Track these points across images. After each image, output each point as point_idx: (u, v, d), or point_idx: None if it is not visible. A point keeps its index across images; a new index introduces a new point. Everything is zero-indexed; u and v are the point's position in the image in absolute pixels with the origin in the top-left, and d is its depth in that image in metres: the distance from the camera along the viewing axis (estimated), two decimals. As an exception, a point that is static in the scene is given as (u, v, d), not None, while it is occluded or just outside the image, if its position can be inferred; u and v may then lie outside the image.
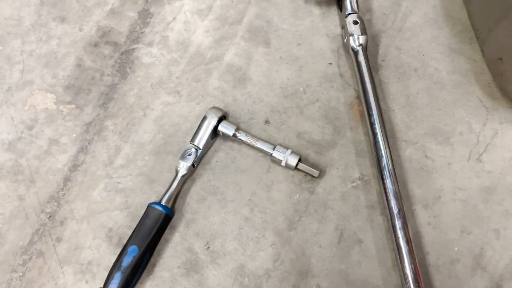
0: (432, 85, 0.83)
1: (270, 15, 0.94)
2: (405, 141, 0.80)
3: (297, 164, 0.77)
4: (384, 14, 0.90)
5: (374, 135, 0.75)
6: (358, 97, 0.84)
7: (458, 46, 0.86)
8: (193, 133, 0.80)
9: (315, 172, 0.77)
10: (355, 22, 0.84)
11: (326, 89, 0.86)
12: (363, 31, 0.83)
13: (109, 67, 0.93)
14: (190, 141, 0.80)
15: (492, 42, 0.72)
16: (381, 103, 0.83)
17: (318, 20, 0.92)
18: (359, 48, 0.82)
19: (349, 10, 0.86)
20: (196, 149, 0.79)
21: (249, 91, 0.88)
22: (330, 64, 0.88)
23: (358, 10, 0.86)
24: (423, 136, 0.80)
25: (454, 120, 0.80)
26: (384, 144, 0.74)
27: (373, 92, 0.78)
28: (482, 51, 0.77)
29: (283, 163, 0.77)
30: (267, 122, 0.85)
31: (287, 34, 0.92)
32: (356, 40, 0.82)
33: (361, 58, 0.81)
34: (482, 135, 0.78)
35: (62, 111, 0.89)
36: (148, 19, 0.96)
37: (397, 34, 0.88)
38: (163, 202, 0.76)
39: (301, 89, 0.87)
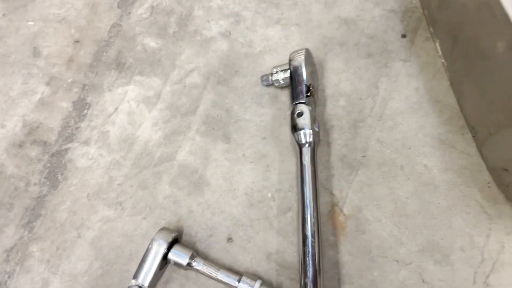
0: (422, 187, 0.70)
1: (229, 102, 0.80)
2: (397, 261, 0.66)
3: (268, 301, 0.62)
4: (360, 99, 0.78)
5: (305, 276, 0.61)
6: (338, 204, 0.70)
7: (449, 137, 0.73)
8: (138, 264, 0.64)
9: (291, 308, 0.62)
10: (299, 114, 0.71)
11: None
12: (310, 125, 0.70)
13: (36, 173, 0.76)
14: (133, 276, 0.64)
15: (494, 148, 0.60)
16: (365, 211, 0.69)
17: (285, 107, 0.79)
18: (305, 146, 0.68)
19: (299, 97, 0.72)
20: (140, 287, 0.63)
21: (207, 199, 0.73)
22: (302, 162, 0.74)
23: (311, 95, 0.72)
24: (418, 254, 0.66)
25: (452, 231, 0.67)
26: None
27: (312, 210, 0.64)
28: (480, 152, 0.65)
29: (251, 302, 0.62)
30: (229, 239, 0.70)
31: (250, 126, 0.78)
32: (303, 135, 0.69)
33: (306, 158, 0.68)
34: (486, 250, 0.65)
35: (-25, 236, 0.72)
36: (85, 111, 0.81)
37: (377, 124, 0.76)
38: None
39: (269, 195, 0.72)
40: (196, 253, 0.66)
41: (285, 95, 0.80)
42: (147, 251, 0.64)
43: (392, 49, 0.82)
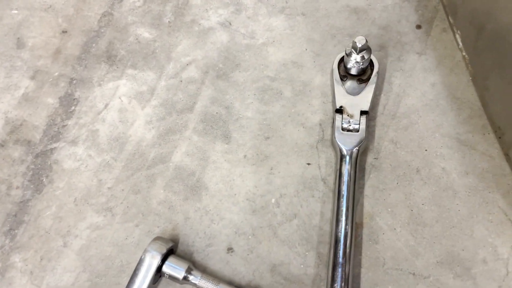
0: (440, 192, 0.65)
1: (229, 99, 0.74)
2: (413, 274, 0.60)
3: (272, 319, 0.56)
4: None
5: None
6: (347, 211, 0.65)
7: (469, 138, 0.68)
8: (129, 277, 0.58)
9: (298, 327, 0.56)
10: (363, 112, 0.66)
11: (305, 199, 0.66)
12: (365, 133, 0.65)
13: (19, 176, 0.70)
14: (124, 291, 0.58)
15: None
16: (378, 219, 0.64)
17: (290, 104, 0.73)
18: (347, 155, 0.63)
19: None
20: (131, 304, 0.57)
21: (205, 205, 0.67)
22: (309, 164, 0.68)
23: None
24: (436, 267, 0.60)
25: (474, 241, 0.61)
26: None
27: (348, 222, 0.59)
28: (507, 155, 0.59)
29: (253, 320, 0.56)
30: (230, 250, 0.64)
31: (252, 124, 0.72)
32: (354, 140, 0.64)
33: (346, 168, 0.62)
34: (511, 262, 0.60)
35: (-49, 245, 0.66)
36: (72, 107, 0.75)
37: (391, 123, 0.70)
38: None
39: (273, 200, 0.66)
40: (193, 265, 0.60)
41: (289, 91, 0.73)
42: (139, 264, 0.58)
43: (406, 41, 0.75)
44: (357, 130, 0.65)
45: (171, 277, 0.59)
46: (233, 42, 0.78)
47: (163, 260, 0.59)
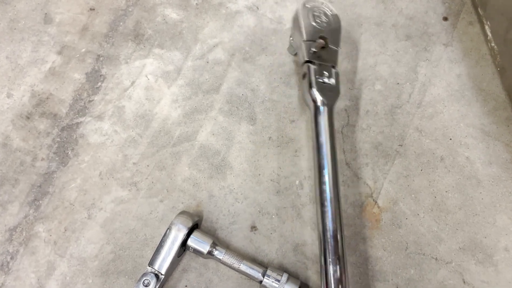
0: (464, 181, 0.65)
1: (255, 81, 0.74)
2: (436, 259, 0.61)
3: (296, 296, 0.57)
4: (398, 83, 0.72)
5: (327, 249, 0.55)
6: (372, 195, 0.65)
7: (493, 129, 0.68)
8: (153, 250, 0.59)
9: (320, 305, 0.57)
10: (303, 76, 0.65)
11: (329, 182, 0.66)
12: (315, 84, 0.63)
13: (44, 148, 0.70)
14: (149, 263, 0.58)
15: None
16: (401, 204, 0.64)
17: (316, 89, 0.73)
18: (323, 107, 0.62)
19: (304, 55, 0.66)
20: (157, 275, 0.57)
21: (229, 183, 0.67)
22: (333, 148, 0.68)
23: (317, 50, 0.66)
24: (459, 253, 0.61)
25: (496, 230, 0.62)
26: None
27: (333, 176, 0.58)
28: (533, 144, 0.60)
29: (277, 296, 0.57)
30: (253, 228, 0.64)
31: (277, 107, 0.72)
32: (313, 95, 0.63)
33: (323, 120, 0.61)
34: (533, 251, 0.60)
35: (-24, 212, 0.66)
36: (99, 83, 0.75)
37: (416, 111, 0.70)
38: None
39: (297, 182, 0.67)
40: (217, 241, 0.61)
41: (316, 76, 0.74)
42: (165, 236, 0.59)
43: (432, 32, 0.76)
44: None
45: (196, 251, 0.60)
46: (260, 27, 0.79)
47: (188, 234, 0.60)
